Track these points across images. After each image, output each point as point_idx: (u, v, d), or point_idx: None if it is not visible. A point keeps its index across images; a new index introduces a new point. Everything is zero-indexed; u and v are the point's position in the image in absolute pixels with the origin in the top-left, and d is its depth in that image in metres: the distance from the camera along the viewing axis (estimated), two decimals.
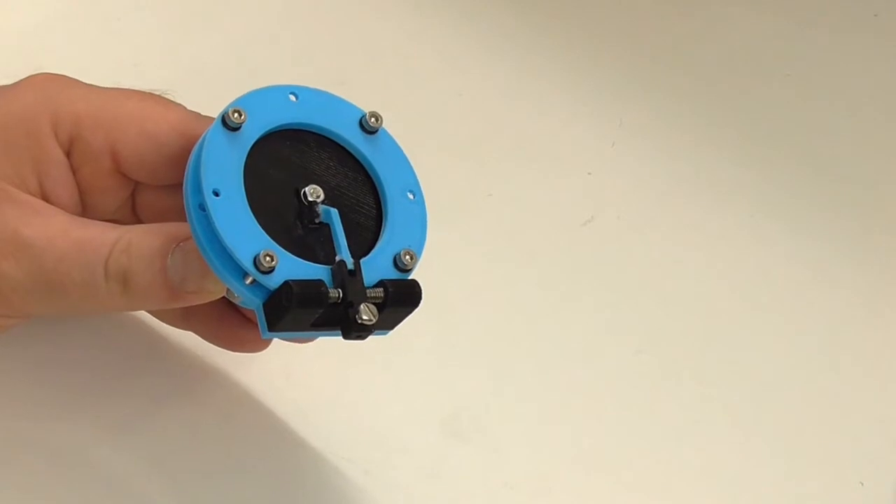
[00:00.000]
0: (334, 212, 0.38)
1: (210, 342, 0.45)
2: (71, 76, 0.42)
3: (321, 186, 0.39)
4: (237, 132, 0.38)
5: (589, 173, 0.59)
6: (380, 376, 0.48)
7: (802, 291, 0.56)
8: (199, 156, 0.37)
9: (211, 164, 0.37)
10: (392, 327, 0.39)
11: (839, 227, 0.59)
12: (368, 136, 0.40)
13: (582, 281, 0.54)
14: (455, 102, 0.60)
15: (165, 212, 0.42)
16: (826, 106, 0.64)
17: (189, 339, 0.46)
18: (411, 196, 0.40)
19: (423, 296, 0.38)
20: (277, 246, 0.37)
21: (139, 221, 0.43)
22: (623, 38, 0.65)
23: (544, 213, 0.57)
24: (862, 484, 0.50)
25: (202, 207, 0.37)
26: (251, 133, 0.38)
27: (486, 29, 0.64)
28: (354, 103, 0.41)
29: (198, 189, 0.37)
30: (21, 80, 0.42)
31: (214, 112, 0.39)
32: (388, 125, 0.41)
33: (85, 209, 0.42)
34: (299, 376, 0.47)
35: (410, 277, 0.39)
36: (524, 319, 0.53)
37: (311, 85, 0.59)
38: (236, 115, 0.38)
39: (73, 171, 0.41)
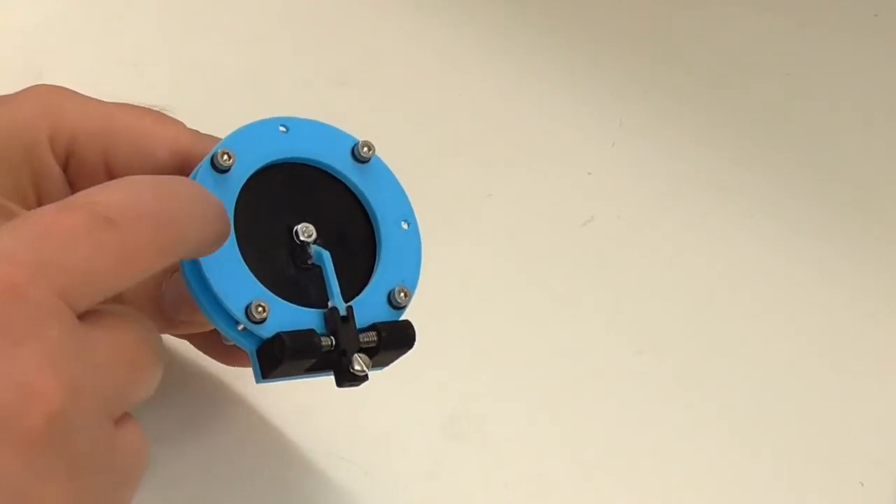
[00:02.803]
0: (326, 255, 0.38)
1: (205, 354, 0.45)
2: (71, 79, 0.42)
3: (314, 222, 0.38)
4: (226, 174, 0.38)
5: (589, 173, 0.59)
6: (380, 377, 0.48)
7: (802, 291, 0.56)
8: None
9: None
10: (387, 365, 0.39)
11: (839, 227, 0.59)
12: (361, 165, 0.40)
13: (582, 281, 0.54)
14: (455, 102, 0.61)
15: None
16: (826, 106, 0.64)
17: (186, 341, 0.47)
18: (405, 225, 0.40)
19: (424, 295, 0.38)
20: (269, 293, 0.37)
21: None
22: (623, 38, 0.65)
23: (544, 213, 0.57)
24: (862, 484, 0.50)
25: None
26: (241, 173, 0.38)
27: (486, 29, 0.64)
28: (354, 105, 0.41)
29: None
30: (21, 92, 0.41)
31: (214, 113, 0.39)
32: (387, 125, 0.41)
33: None
34: None
35: (404, 318, 0.39)
36: (524, 320, 0.53)
37: (311, 85, 0.60)
38: (225, 157, 0.37)
39: (70, 185, 0.41)
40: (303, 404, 0.47)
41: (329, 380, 0.38)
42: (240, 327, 0.37)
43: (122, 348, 0.32)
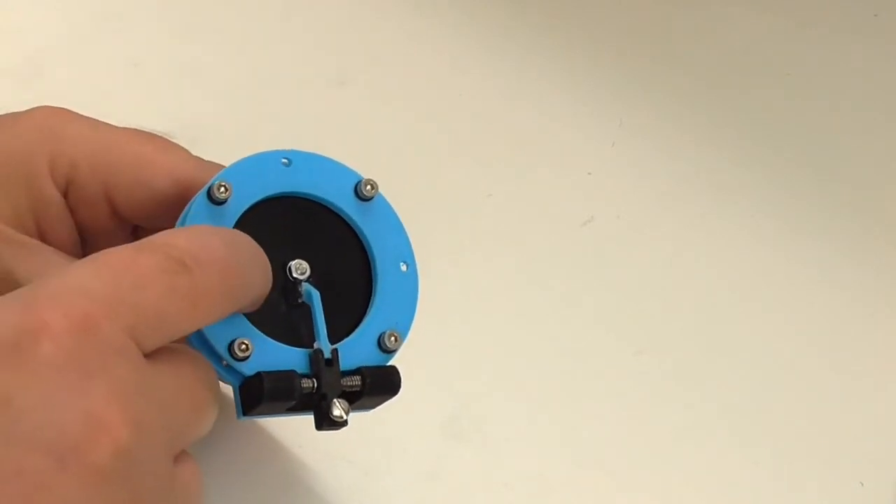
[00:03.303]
0: (316, 295, 0.37)
1: None
2: (73, 84, 0.42)
3: (310, 259, 0.38)
4: (223, 206, 0.37)
5: (589, 173, 0.59)
6: None
7: (802, 291, 0.56)
8: None
9: None
10: (371, 409, 0.39)
11: (839, 227, 0.59)
12: (363, 202, 0.39)
13: (582, 281, 0.54)
14: (455, 102, 0.60)
15: None
16: (826, 106, 0.64)
17: None
18: (404, 267, 0.39)
19: (424, 295, 0.38)
20: (255, 330, 0.37)
21: None
22: (623, 38, 0.65)
23: (544, 213, 0.57)
24: (862, 484, 0.50)
25: None
26: (237, 206, 0.38)
27: (486, 29, 0.64)
28: (354, 105, 0.41)
29: None
30: (21, 115, 0.41)
31: (214, 113, 0.39)
32: (387, 125, 0.41)
33: (85, 247, 0.41)
34: None
35: (391, 363, 0.38)
36: (524, 319, 0.53)
37: (311, 85, 0.60)
38: (222, 189, 0.37)
39: (71, 211, 0.41)
40: None
41: None
42: (223, 362, 0.37)
43: (184, 388, 0.33)
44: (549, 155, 0.59)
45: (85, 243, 0.42)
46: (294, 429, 0.46)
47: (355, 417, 0.37)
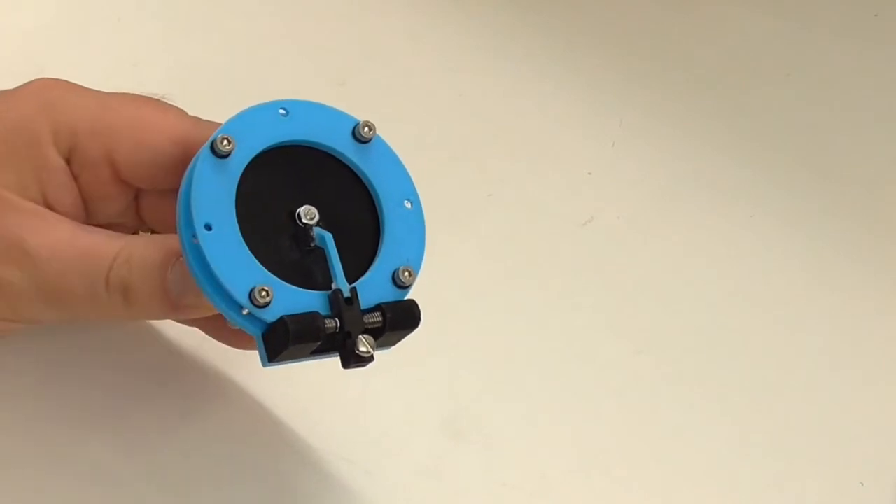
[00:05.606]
0: (328, 236, 0.38)
1: (214, 339, 0.45)
2: (70, 80, 0.42)
3: (316, 204, 0.38)
4: (227, 159, 0.38)
5: (589, 173, 0.59)
6: (380, 376, 0.48)
7: (802, 291, 0.56)
8: (188, 189, 0.37)
9: (201, 197, 0.37)
10: (392, 345, 0.39)
11: (839, 227, 0.59)
12: (362, 145, 0.40)
13: (582, 281, 0.54)
14: (455, 102, 0.61)
15: (169, 215, 0.42)
16: (826, 106, 0.64)
17: (188, 339, 0.46)
18: (408, 204, 0.40)
19: (424, 295, 0.38)
20: (273, 277, 0.37)
21: (144, 224, 0.44)
22: (623, 38, 0.65)
23: (544, 213, 0.57)
24: (862, 484, 0.50)
25: (196, 237, 0.37)
26: (241, 158, 0.38)
27: (486, 29, 0.64)
28: (354, 105, 0.41)
29: (189, 223, 0.37)
30: (20, 87, 0.42)
31: (214, 113, 0.39)
32: (387, 125, 0.41)
33: (89, 214, 0.42)
34: (300, 376, 0.47)
35: (409, 297, 0.39)
36: (524, 319, 0.53)
37: (311, 85, 0.60)
38: (225, 142, 0.38)
39: (75, 177, 0.41)
40: (303, 403, 0.47)
41: (331, 377, 0.38)
42: (244, 312, 0.37)
43: None
44: (549, 155, 0.59)
45: (88, 209, 0.42)
46: (295, 427, 0.46)
47: (354, 417, 0.37)
